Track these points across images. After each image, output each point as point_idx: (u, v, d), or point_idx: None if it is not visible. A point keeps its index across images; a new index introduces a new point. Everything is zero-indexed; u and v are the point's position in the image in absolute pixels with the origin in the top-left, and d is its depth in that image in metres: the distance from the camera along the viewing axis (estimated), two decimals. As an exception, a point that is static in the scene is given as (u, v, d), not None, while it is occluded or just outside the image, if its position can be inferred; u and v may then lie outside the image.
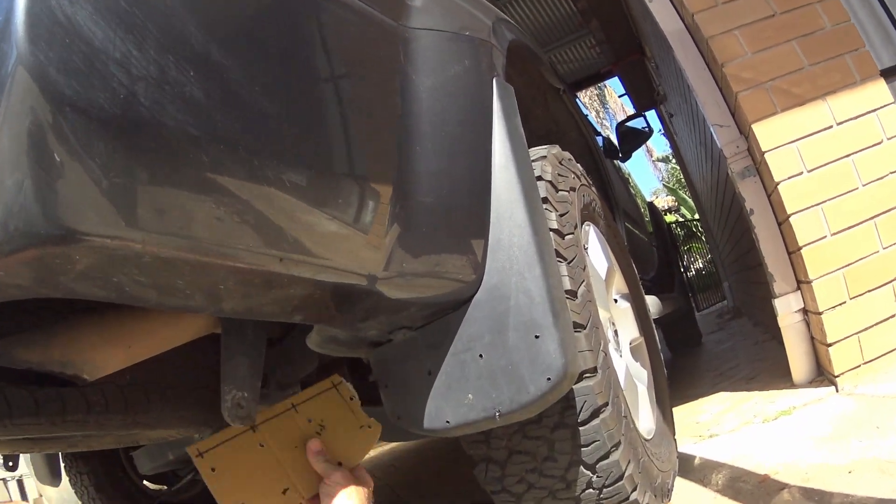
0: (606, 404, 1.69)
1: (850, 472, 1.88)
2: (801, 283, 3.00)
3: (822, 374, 3.03)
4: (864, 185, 2.82)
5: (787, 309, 3.08)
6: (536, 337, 1.42)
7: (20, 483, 6.58)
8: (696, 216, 18.41)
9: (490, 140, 1.58)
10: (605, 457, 1.68)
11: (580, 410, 1.65)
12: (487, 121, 1.60)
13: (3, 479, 6.28)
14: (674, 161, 23.49)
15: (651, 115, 10.64)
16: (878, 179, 2.84)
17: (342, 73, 1.25)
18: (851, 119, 2.87)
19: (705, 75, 3.23)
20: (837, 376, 2.75)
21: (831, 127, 2.86)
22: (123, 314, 1.40)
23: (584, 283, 1.79)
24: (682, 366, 5.69)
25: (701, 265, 18.19)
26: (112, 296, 0.99)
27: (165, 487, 3.58)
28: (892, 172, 2.84)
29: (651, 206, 7.64)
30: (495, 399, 1.42)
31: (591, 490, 1.71)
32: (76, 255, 0.87)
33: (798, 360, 3.11)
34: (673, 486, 2.18)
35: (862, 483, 1.79)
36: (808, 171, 2.83)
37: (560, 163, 2.07)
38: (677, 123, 8.09)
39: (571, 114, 3.28)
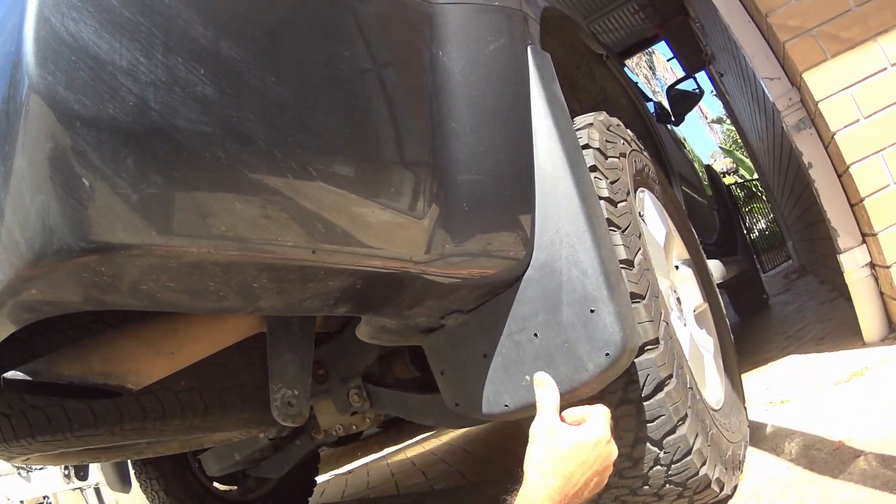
0: (671, 376, 1.63)
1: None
2: (867, 235, 2.89)
3: (895, 331, 2.91)
4: (926, 126, 2.68)
5: (853, 264, 2.98)
6: (592, 311, 1.36)
7: (97, 491, 6.71)
8: (756, 176, 18.17)
9: (529, 111, 1.51)
10: (672, 431, 1.62)
11: (643, 384, 1.59)
12: (525, 91, 1.54)
13: (81, 488, 6.42)
14: (728, 122, 23.18)
15: (701, 76, 10.51)
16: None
17: (371, 56, 1.21)
18: (907, 57, 2.74)
19: (751, 28, 3.14)
20: (909, 339, 2.65)
21: (885, 69, 2.73)
22: (164, 321, 1.41)
23: (640, 252, 1.72)
24: (750, 329, 5.60)
25: (764, 226, 17.91)
26: (145, 304, 0.98)
27: (235, 488, 3.64)
28: None
29: (709, 168, 7.55)
30: (555, 379, 1.37)
31: (658, 467, 1.65)
32: (103, 266, 0.87)
33: (868, 317, 3.00)
34: (745, 457, 2.12)
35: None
36: (865, 118, 2.72)
37: (608, 129, 1.99)
38: (728, 82, 7.95)
39: (618, 80, 3.21)
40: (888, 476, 1.65)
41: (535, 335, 1.38)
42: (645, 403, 1.60)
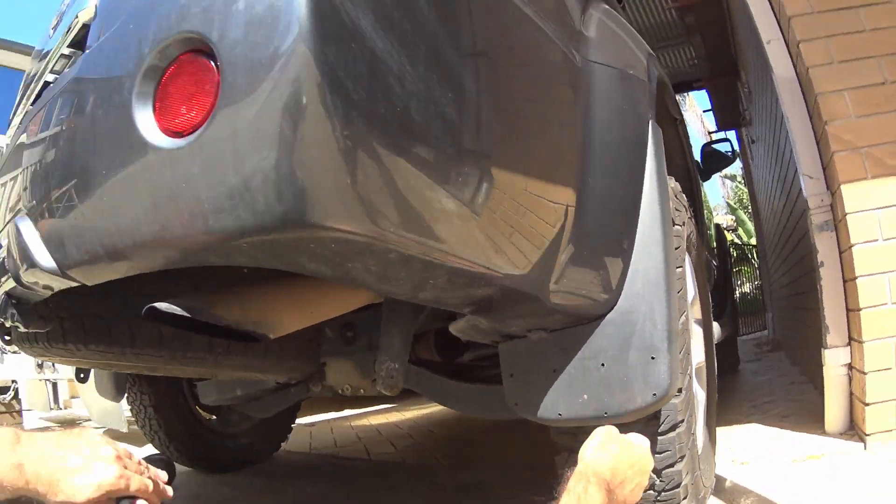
0: (683, 421, 1.94)
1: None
2: (853, 340, 3.20)
3: (854, 430, 3.24)
4: (937, 265, 2.99)
5: (834, 361, 3.29)
6: (653, 358, 1.67)
7: (55, 386, 6.81)
8: (753, 241, 18.44)
9: (642, 177, 1.82)
10: (672, 465, 1.93)
11: (662, 422, 1.90)
12: (642, 160, 1.84)
13: (47, 380, 6.54)
14: (741, 181, 23.41)
15: (731, 134, 10.77)
16: (951, 263, 2.99)
17: (558, 112, 1.50)
18: (940, 199, 3.03)
19: (806, 126, 3.42)
20: (868, 435, 2.96)
21: (917, 203, 3.03)
22: (311, 283, 1.61)
23: (685, 314, 2.02)
24: (720, 389, 5.89)
25: (747, 290, 18.22)
26: (337, 276, 1.23)
27: (215, 417, 3.78)
28: None
29: (717, 227, 7.77)
30: (606, 403, 1.67)
31: (652, 491, 1.96)
32: (331, 243, 1.09)
33: (834, 410, 3.32)
34: (707, 501, 2.43)
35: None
36: (884, 240, 3.02)
37: (675, 196, 2.26)
38: (756, 150, 8.19)
39: (682, 142, 3.47)
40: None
41: (603, 365, 1.68)
42: (659, 438, 1.90)
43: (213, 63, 1.04)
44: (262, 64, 0.99)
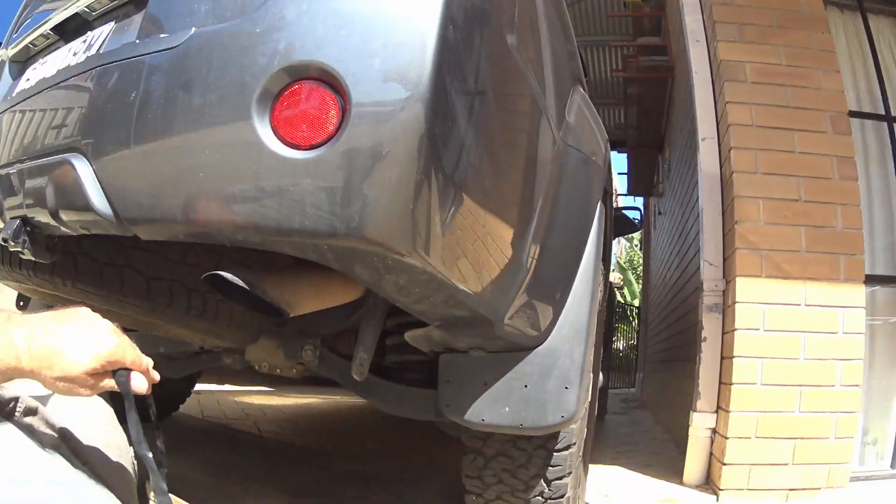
0: (575, 444, 2.35)
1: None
2: (721, 409, 3.71)
3: (709, 484, 3.74)
4: (803, 359, 3.53)
5: (701, 424, 3.80)
6: (566, 388, 2.06)
7: None
8: (636, 302, 19.18)
9: (585, 245, 2.24)
10: (560, 479, 2.34)
11: (559, 441, 2.30)
12: (588, 231, 2.27)
13: None
14: (636, 245, 24.22)
15: (639, 200, 11.37)
16: (817, 359, 3.53)
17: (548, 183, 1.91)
18: (820, 306, 3.56)
19: (717, 220, 3.93)
20: (721, 490, 3.47)
21: (799, 305, 3.56)
22: (323, 274, 1.82)
23: (593, 356, 2.45)
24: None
25: (621, 347, 18.84)
26: (370, 281, 1.54)
27: None
28: (832, 358, 3.54)
29: (610, 284, 8.21)
30: (523, 417, 2.04)
31: (539, 498, 2.37)
32: (379, 259, 1.40)
33: (694, 465, 3.82)
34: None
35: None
36: (765, 331, 3.54)
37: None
38: (661, 221, 8.73)
39: (607, 210, 3.88)
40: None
41: (526, 386, 2.05)
42: (555, 453, 2.31)
43: (337, 96, 1.30)
44: (382, 111, 1.29)
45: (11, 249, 1.86)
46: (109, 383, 1.10)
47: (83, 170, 1.54)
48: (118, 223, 1.51)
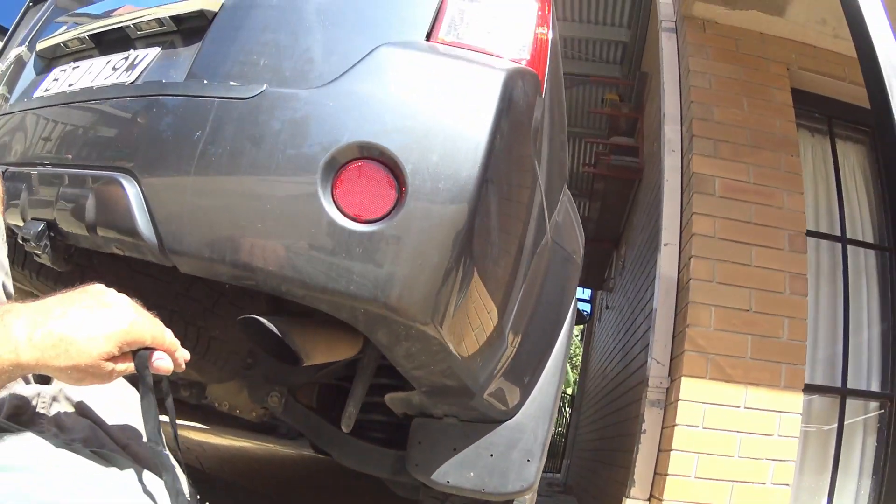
0: (527, 510, 2.54)
1: None
2: (653, 497, 3.90)
3: (638, 571, 3.91)
4: (739, 457, 3.73)
5: (633, 510, 3.99)
6: (528, 461, 2.24)
7: None
8: (569, 391, 19.30)
9: (557, 337, 2.45)
10: (508, 539, 2.50)
11: (512, 507, 2.49)
12: (561, 324, 2.49)
13: None
14: (577, 335, 24.36)
15: (587, 292, 11.63)
16: (752, 458, 3.74)
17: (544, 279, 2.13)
18: (758, 409, 3.78)
19: (669, 322, 4.17)
20: (651, 575, 3.65)
21: (739, 407, 3.78)
22: (335, 331, 1.97)
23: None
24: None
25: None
26: (385, 345, 1.69)
27: None
28: (765, 458, 3.75)
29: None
30: (486, 482, 2.21)
31: (487, 558, 2.53)
32: (404, 328, 1.57)
33: (622, 551, 3.99)
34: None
35: None
36: (703, 428, 3.75)
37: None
38: (608, 315, 8.94)
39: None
40: None
41: (492, 455, 2.22)
42: (507, 518, 2.48)
43: (395, 181, 1.46)
44: (433, 201, 1.46)
45: (28, 250, 1.85)
46: (130, 367, 0.97)
47: (132, 192, 1.59)
48: (160, 251, 1.56)
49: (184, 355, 1.08)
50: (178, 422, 1.23)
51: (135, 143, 1.69)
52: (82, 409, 1.11)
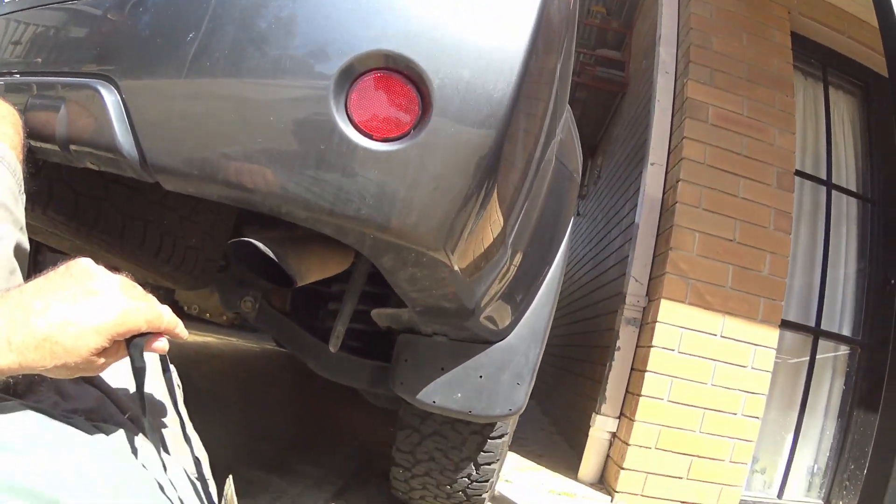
0: (508, 433, 2.51)
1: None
2: (624, 416, 3.93)
3: (604, 484, 3.97)
4: (711, 384, 3.78)
5: (602, 426, 4.03)
6: (518, 384, 2.20)
7: None
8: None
9: (555, 256, 2.37)
10: (489, 464, 2.50)
11: (496, 429, 2.46)
12: (559, 243, 2.41)
13: None
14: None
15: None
16: (725, 387, 3.79)
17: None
18: (734, 340, 3.82)
19: (650, 242, 4.14)
20: (617, 492, 3.69)
21: (716, 335, 3.80)
22: (327, 249, 1.92)
23: (538, 358, 2.60)
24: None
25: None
26: (389, 269, 1.58)
27: None
28: (738, 389, 3.80)
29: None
30: (473, 405, 2.16)
31: (466, 479, 2.53)
32: (415, 254, 1.48)
33: (590, 464, 4.05)
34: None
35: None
36: (679, 352, 3.77)
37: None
38: (578, 222, 8.93)
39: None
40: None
41: (481, 376, 2.17)
42: (489, 440, 2.47)
43: (419, 96, 1.29)
44: (461, 121, 1.31)
45: None
46: (124, 356, 0.90)
47: (111, 100, 1.39)
48: (141, 167, 1.38)
49: (184, 332, 0.98)
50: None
51: (116, 46, 1.48)
52: (90, 376, 0.99)
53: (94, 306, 0.83)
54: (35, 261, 2.25)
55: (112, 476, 0.80)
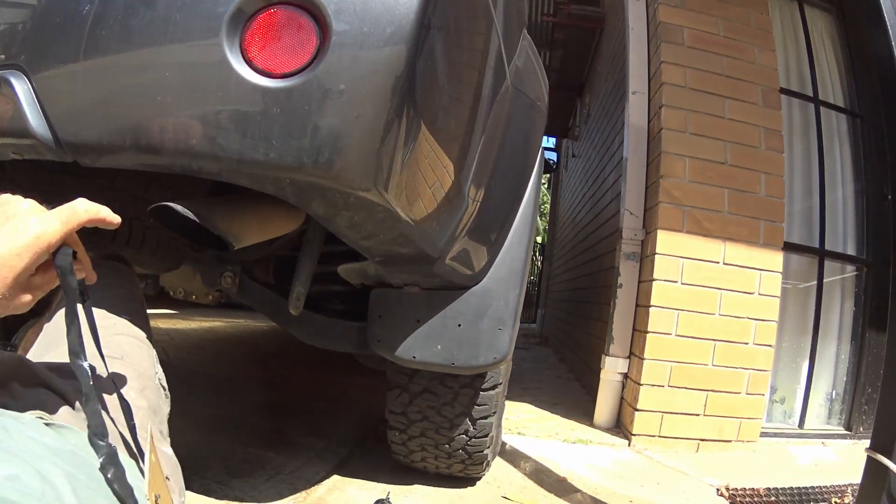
0: (501, 384, 2.39)
1: (631, 502, 2.66)
2: (634, 355, 3.81)
3: (620, 428, 3.85)
4: (720, 315, 3.64)
5: (613, 368, 3.90)
6: (500, 329, 2.08)
7: None
8: (539, 239, 19.42)
9: (524, 190, 2.24)
10: (485, 417, 2.38)
11: (486, 381, 2.34)
12: (528, 176, 2.28)
13: None
14: (544, 184, 24.49)
15: (552, 141, 11.54)
16: (734, 316, 3.65)
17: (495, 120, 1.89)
18: (738, 266, 3.67)
19: (641, 172, 3.99)
20: (634, 435, 3.58)
21: (718, 262, 3.65)
22: (268, 206, 1.79)
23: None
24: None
25: (523, 283, 19.10)
26: (324, 217, 1.50)
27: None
28: (747, 317, 3.66)
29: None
30: (455, 356, 2.06)
31: (464, 436, 2.41)
32: (342, 196, 1.37)
33: (604, 408, 3.92)
34: (495, 456, 2.91)
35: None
36: (682, 283, 3.62)
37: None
38: (575, 164, 8.85)
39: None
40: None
41: (460, 325, 2.07)
42: (482, 393, 2.35)
43: (316, 26, 1.23)
44: (363, 45, 1.24)
45: None
46: (53, 279, 0.89)
47: (22, 89, 1.38)
48: (57, 148, 1.38)
49: (112, 216, 0.96)
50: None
51: (22, 33, 1.43)
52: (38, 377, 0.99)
53: (8, 231, 0.82)
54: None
55: (72, 478, 0.76)
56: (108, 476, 0.81)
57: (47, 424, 0.87)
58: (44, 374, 1.01)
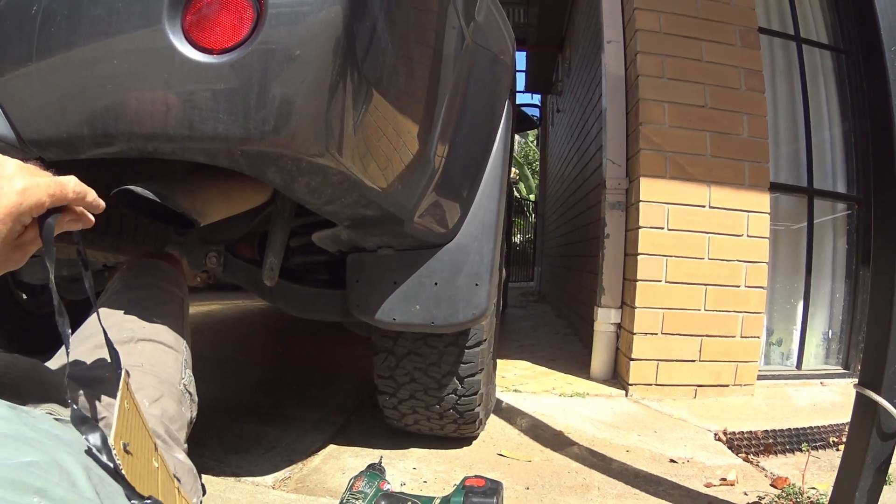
0: (486, 340, 2.38)
1: (628, 451, 2.66)
2: (625, 305, 3.80)
3: (616, 379, 3.86)
4: (709, 259, 3.62)
5: (605, 319, 3.90)
6: (476, 285, 2.07)
7: None
8: (532, 197, 19.43)
9: (492, 145, 2.22)
10: (472, 375, 2.37)
11: (470, 338, 2.33)
12: (496, 129, 2.25)
13: None
14: (532, 141, 24.50)
15: (536, 97, 11.47)
16: (723, 260, 3.64)
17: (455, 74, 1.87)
18: (725, 209, 3.65)
19: (621, 121, 3.96)
20: (630, 385, 3.59)
21: (704, 206, 3.63)
22: (232, 181, 1.81)
23: (501, 255, 2.46)
24: (490, 326, 6.46)
25: (518, 241, 19.16)
26: (282, 185, 1.49)
27: (25, 296, 3.66)
28: (737, 260, 3.65)
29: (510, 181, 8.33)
30: (434, 315, 2.05)
31: (453, 395, 2.40)
32: (294, 161, 1.37)
33: (600, 359, 3.93)
34: (489, 415, 2.90)
35: (636, 460, 2.55)
36: (669, 230, 3.61)
37: (507, 158, 2.69)
38: (559, 119, 8.83)
39: (512, 109, 3.91)
40: (591, 461, 2.50)
41: (436, 284, 2.05)
42: (466, 350, 2.34)
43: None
44: (299, 11, 1.25)
45: None
46: (37, 241, 0.89)
47: None
48: (21, 146, 1.41)
49: (97, 201, 0.98)
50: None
51: None
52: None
53: None
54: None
55: (88, 469, 0.76)
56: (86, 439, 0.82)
57: (58, 419, 0.88)
58: (56, 379, 1.02)
